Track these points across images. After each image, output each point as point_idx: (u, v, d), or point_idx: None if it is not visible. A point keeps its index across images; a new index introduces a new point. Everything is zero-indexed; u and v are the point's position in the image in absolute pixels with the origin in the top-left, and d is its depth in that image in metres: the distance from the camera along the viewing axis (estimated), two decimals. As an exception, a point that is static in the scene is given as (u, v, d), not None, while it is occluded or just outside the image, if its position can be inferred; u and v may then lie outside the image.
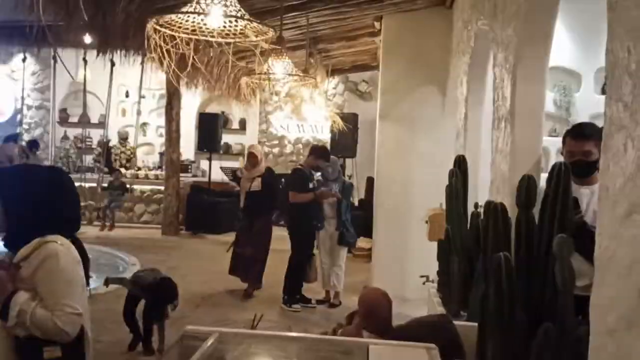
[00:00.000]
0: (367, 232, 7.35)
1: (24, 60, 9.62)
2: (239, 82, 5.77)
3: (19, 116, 13.32)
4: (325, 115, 8.29)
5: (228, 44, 2.42)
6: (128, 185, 10.23)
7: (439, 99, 6.07)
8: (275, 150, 13.03)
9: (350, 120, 9.95)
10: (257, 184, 6.06)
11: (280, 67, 3.96)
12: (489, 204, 2.38)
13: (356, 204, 9.60)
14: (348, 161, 10.80)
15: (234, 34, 2.37)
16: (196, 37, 2.31)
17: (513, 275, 1.95)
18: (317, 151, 6.07)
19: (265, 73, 3.84)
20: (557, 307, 1.78)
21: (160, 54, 2.37)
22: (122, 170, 11.04)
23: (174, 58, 2.45)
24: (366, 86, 11.91)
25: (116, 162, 11.77)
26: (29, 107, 13.38)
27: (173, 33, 2.28)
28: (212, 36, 2.36)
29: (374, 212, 6.45)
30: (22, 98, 10.82)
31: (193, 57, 2.39)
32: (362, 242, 8.21)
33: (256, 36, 2.38)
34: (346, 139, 10.04)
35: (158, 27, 2.23)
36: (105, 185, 10.15)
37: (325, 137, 12.65)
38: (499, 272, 1.94)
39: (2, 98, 13.20)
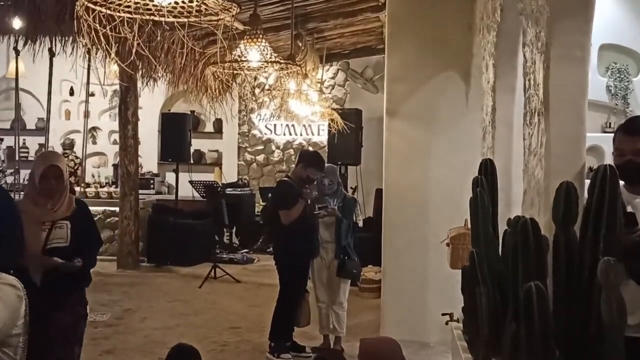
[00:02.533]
0: (377, 260, 7.33)
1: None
2: (204, 73, 5.78)
3: None
4: (320, 112, 8.28)
5: (182, 25, 2.42)
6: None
7: (460, 88, 6.08)
8: (260, 157, 13.06)
9: (353, 117, 9.96)
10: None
11: (255, 53, 3.95)
12: (517, 220, 2.36)
13: (361, 224, 9.59)
14: (351, 170, 10.80)
15: (189, 12, 2.37)
16: (140, 16, 2.30)
17: (548, 310, 1.93)
18: (307, 158, 6.06)
19: (236, 61, 3.83)
20: (603, 350, 1.75)
21: (96, 40, 2.36)
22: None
23: (114, 44, 2.44)
24: (372, 74, 11.94)
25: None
26: (-52, 111, 13.43)
27: (110, 12, 2.27)
28: (162, 15, 2.35)
29: (382, 232, 6.44)
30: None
31: (138, 42, 2.38)
32: (369, 273, 8.18)
33: (217, 14, 2.38)
34: (348, 141, 10.04)
35: (91, 5, 2.22)
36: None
37: (322, 139, 12.67)
38: (530, 306, 1.92)
39: None
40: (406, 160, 6.26)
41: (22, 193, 11.32)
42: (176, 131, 11.11)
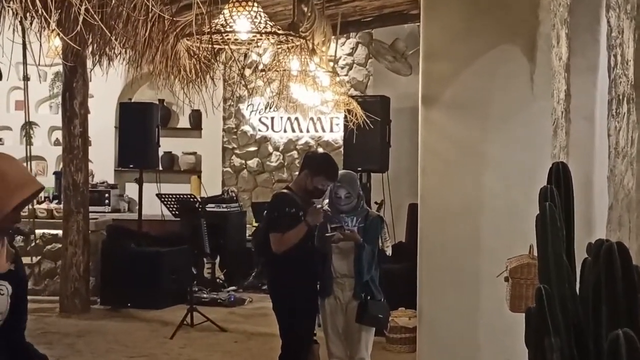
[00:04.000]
0: (410, 300, 7.32)
1: None
2: (176, 49, 5.81)
3: None
4: (333, 101, 8.28)
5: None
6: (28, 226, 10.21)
7: (522, 67, 6.09)
8: (252, 162, 13.11)
9: (378, 108, 9.96)
10: None
11: (244, 21, 3.97)
12: (600, 246, 2.35)
13: (390, 251, 9.56)
14: (376, 178, 10.80)
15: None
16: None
17: (643, 368, 1.92)
18: (313, 163, 6.07)
19: (218, 31, 3.84)
20: None
21: (30, 4, 2.38)
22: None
23: (54, 11, 2.46)
24: (404, 49, 11.96)
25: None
26: None
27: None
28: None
29: (418, 263, 6.43)
30: None
31: (86, 6, 2.39)
32: (400, 318, 8.16)
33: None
34: (371, 140, 10.03)
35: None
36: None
37: (336, 138, 12.68)
38: (618, 363, 1.91)
39: None
40: (449, 165, 6.28)
41: None
42: (139, 127, 11.15)
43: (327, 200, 6.13)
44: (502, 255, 4.64)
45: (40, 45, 6.65)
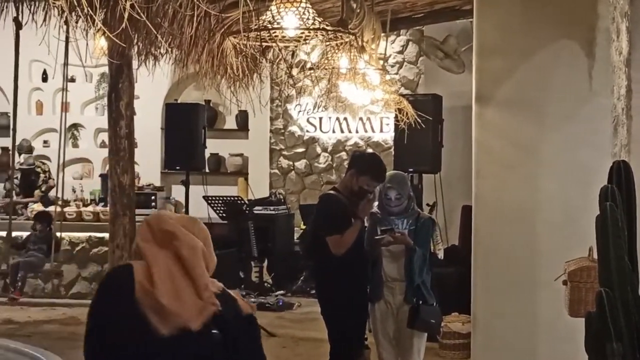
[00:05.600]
0: (464, 305, 7.28)
1: None
2: (223, 47, 5.83)
3: None
4: (383, 100, 8.26)
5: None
6: (58, 233, 10.36)
7: (581, 63, 6.04)
8: (300, 163, 13.13)
9: (430, 107, 9.94)
10: None
11: (292, 17, 3.96)
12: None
13: (442, 254, 9.53)
14: (427, 179, 10.74)
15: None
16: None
17: None
18: (359, 163, 6.06)
19: (266, 28, 3.84)
20: None
21: (75, 2, 2.39)
22: (38, 206, 11.26)
23: (99, 9, 2.47)
24: (456, 46, 11.89)
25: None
26: None
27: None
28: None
29: (472, 268, 6.38)
30: None
31: (132, 3, 2.40)
32: (454, 323, 8.11)
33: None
34: (422, 140, 9.99)
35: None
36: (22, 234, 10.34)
37: (386, 138, 12.64)
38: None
39: None
40: (505, 165, 6.24)
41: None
42: (185, 129, 11.23)
43: (376, 202, 6.11)
44: (559, 258, 4.61)
45: (87, 45, 6.71)
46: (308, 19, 4.09)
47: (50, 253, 10.13)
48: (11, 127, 9.90)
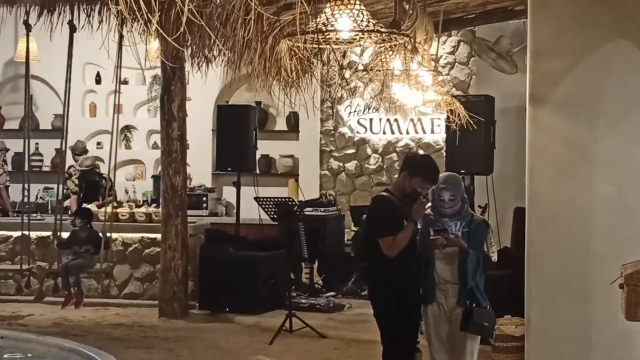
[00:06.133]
0: (517, 308, 7.24)
1: None
2: (277, 49, 5.84)
3: None
4: (435, 101, 8.23)
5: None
6: (107, 234, 10.45)
7: (636, 64, 6.06)
8: (351, 165, 13.13)
9: (482, 108, 9.89)
10: None
11: (346, 19, 3.97)
12: None
13: (495, 257, 9.45)
14: (479, 181, 10.69)
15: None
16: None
17: None
18: (412, 164, 6.02)
19: (320, 31, 3.85)
20: None
21: (134, 6, 2.42)
22: (92, 207, 11.38)
23: (156, 9, 2.49)
24: (509, 46, 11.80)
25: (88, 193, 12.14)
26: (-60, 107, 14.15)
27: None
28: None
29: (525, 270, 6.33)
30: None
31: (189, 7, 2.42)
32: (506, 326, 8.04)
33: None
34: (474, 142, 9.94)
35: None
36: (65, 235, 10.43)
37: (437, 139, 12.58)
38: None
39: None
40: (560, 167, 6.21)
41: (35, 214, 11.62)
42: (237, 130, 11.29)
43: (429, 204, 6.08)
44: (615, 261, 4.58)
45: (142, 48, 6.79)
46: (362, 20, 4.10)
47: (97, 252, 10.24)
48: (63, 128, 10.01)
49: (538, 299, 6.28)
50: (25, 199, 10.70)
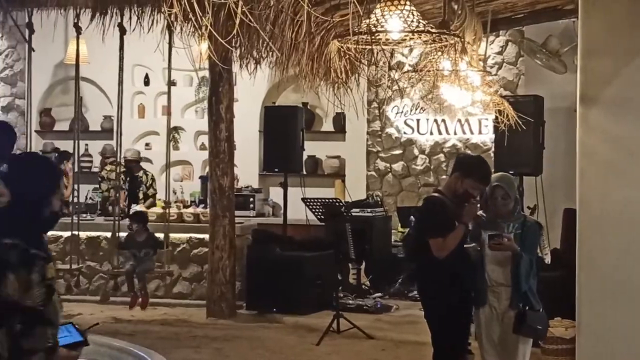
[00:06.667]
0: (567, 310, 7.17)
1: (-17, 33, 10.32)
2: (327, 51, 5.85)
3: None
4: (483, 102, 8.17)
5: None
6: (159, 237, 10.54)
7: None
8: (397, 165, 13.09)
9: (530, 108, 9.82)
10: None
11: (397, 20, 3.95)
12: None
13: (549, 259, 9.36)
14: (528, 181, 10.60)
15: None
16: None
17: None
18: (464, 165, 5.98)
19: (370, 32, 3.84)
20: None
21: (188, 9, 2.43)
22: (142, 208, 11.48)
23: (209, 12, 2.51)
24: (558, 46, 11.70)
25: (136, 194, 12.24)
26: (-7, 109, 14.38)
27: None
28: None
29: (577, 272, 6.26)
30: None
31: (243, 9, 2.42)
32: (557, 328, 7.95)
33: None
34: (523, 142, 9.87)
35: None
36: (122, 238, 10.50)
37: (484, 140, 12.50)
38: None
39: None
40: (611, 168, 6.14)
41: (85, 215, 11.72)
42: (284, 131, 11.32)
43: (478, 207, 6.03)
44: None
45: (193, 48, 6.83)
46: (412, 21, 4.09)
47: (155, 254, 10.36)
48: (117, 129, 10.08)
49: (589, 301, 6.20)
50: (75, 199, 10.81)
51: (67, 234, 10.48)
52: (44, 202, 3.36)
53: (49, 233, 3.74)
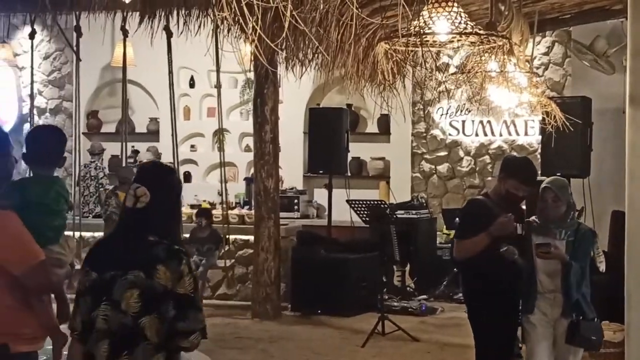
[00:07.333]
0: (615, 313, 7.04)
1: (31, 36, 10.35)
2: (374, 52, 5.83)
3: (26, 125, 14.45)
4: (529, 103, 8.11)
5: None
6: (221, 233, 10.70)
7: None
8: (442, 167, 13.05)
9: (578, 109, 9.77)
10: None
11: (444, 22, 3.95)
12: None
13: (603, 267, 9.20)
14: (575, 184, 10.49)
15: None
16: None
17: None
18: (508, 166, 5.91)
19: (418, 33, 3.84)
20: None
21: (238, 13, 2.45)
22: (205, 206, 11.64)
23: (259, 16, 2.52)
24: (606, 47, 11.59)
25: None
26: (41, 111, 14.54)
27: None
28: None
29: (625, 275, 6.18)
30: (31, 96, 11.72)
31: (292, 12, 2.44)
32: (605, 331, 7.83)
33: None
34: (570, 144, 9.83)
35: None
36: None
37: (531, 141, 12.42)
38: None
39: (0, 97, 14.45)
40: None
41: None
42: (329, 133, 11.36)
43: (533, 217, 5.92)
44: None
45: (239, 51, 6.87)
46: (460, 23, 4.08)
47: (217, 250, 10.59)
48: (172, 131, 10.13)
49: (638, 304, 6.10)
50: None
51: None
52: (179, 204, 3.86)
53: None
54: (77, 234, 10.01)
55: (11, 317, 4.04)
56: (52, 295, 4.50)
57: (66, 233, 5.27)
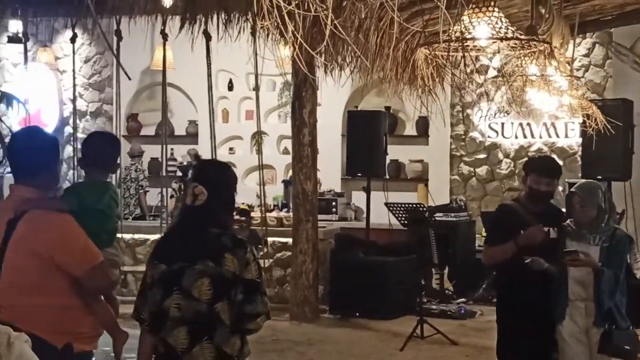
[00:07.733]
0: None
1: (72, 40, 10.45)
2: (414, 57, 5.83)
3: (67, 128, 14.63)
4: (570, 106, 8.06)
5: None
6: (261, 233, 10.75)
7: None
8: (481, 170, 12.99)
9: (619, 112, 9.71)
10: None
11: (484, 27, 3.93)
12: None
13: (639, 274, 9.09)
14: (616, 187, 10.41)
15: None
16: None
17: None
18: (529, 164, 5.93)
19: (459, 39, 3.83)
20: None
21: (279, 20, 2.47)
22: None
23: (300, 24, 2.53)
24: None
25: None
26: (82, 114, 14.69)
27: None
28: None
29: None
30: (74, 99, 11.82)
31: (332, 19, 2.45)
32: None
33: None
34: (611, 146, 9.75)
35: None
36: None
37: (571, 143, 12.32)
38: None
39: (42, 100, 14.60)
40: None
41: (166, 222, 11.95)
42: (367, 135, 11.32)
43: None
44: None
45: (277, 54, 6.89)
46: (501, 28, 4.06)
47: (256, 251, 10.57)
48: (211, 134, 10.18)
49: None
50: (162, 203, 11.01)
51: (154, 237, 10.68)
52: (234, 199, 4.18)
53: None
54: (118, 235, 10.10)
55: (73, 317, 4.19)
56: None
57: (115, 235, 5.38)
